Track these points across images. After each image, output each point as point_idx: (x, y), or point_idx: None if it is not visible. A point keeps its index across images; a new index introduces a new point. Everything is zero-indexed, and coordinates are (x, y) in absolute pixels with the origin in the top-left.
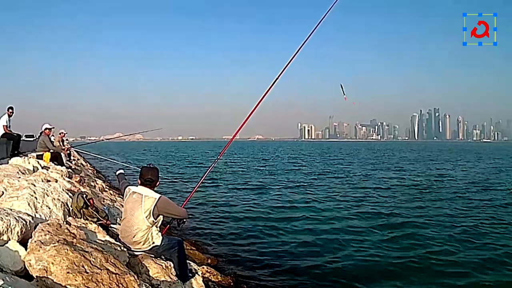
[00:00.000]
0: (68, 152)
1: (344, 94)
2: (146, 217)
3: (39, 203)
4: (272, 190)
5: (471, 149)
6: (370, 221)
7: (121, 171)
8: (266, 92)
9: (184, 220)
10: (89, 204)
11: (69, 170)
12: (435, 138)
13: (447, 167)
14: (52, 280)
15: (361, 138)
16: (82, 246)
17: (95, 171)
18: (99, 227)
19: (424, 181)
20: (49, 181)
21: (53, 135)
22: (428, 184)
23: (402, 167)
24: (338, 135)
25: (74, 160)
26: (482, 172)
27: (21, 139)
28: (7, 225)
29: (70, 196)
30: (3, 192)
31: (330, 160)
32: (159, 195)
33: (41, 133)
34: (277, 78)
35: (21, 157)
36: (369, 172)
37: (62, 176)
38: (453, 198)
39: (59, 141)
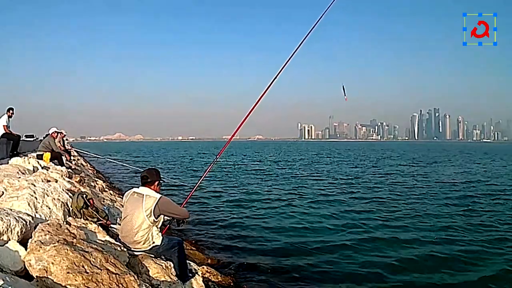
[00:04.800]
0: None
1: (345, 95)
2: (147, 215)
3: (39, 203)
4: (273, 191)
5: (474, 149)
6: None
7: None
8: (264, 92)
9: (184, 220)
10: (89, 204)
11: (69, 170)
12: (435, 138)
13: (469, 169)
14: (52, 280)
15: (361, 138)
16: (82, 246)
17: (95, 171)
18: (99, 227)
19: (457, 187)
20: (49, 181)
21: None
22: (469, 192)
23: (426, 171)
24: (338, 135)
25: (74, 160)
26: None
27: (21, 139)
28: (7, 225)
29: (70, 196)
30: (3, 192)
31: (341, 162)
32: (160, 195)
33: (47, 135)
34: (275, 77)
35: (21, 157)
36: (389, 177)
37: (62, 176)
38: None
39: (59, 141)
